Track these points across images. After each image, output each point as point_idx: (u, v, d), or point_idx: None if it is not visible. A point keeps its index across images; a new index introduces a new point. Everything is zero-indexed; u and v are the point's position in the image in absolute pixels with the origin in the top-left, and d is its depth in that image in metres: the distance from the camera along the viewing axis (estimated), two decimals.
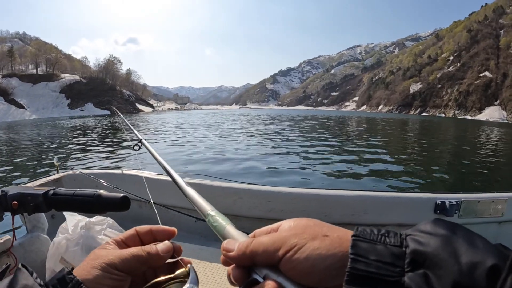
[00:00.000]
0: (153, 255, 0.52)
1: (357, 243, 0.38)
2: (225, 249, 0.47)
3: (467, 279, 0.32)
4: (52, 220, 2.41)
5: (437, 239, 0.36)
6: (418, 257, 0.35)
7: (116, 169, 3.27)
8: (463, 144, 20.85)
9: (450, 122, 73.10)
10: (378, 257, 0.36)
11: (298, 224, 0.45)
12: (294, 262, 0.40)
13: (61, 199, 1.06)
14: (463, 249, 0.34)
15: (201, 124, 32.81)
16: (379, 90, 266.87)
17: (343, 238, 0.40)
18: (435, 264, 0.34)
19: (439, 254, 0.34)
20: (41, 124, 45.01)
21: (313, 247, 0.40)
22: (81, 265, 0.50)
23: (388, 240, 0.38)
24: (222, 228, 0.53)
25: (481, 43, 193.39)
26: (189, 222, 2.51)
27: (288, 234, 0.43)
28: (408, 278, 0.34)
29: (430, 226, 0.38)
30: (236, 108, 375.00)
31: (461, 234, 0.36)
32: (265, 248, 0.43)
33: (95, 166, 10.20)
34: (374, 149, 14.62)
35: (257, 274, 0.43)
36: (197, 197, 0.67)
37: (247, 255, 0.44)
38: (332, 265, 0.38)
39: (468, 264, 0.32)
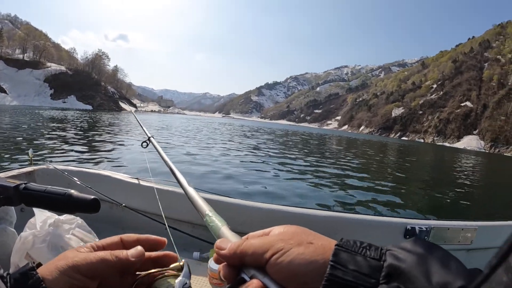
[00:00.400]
0: (122, 260, 0.51)
1: (338, 252, 0.40)
2: (218, 247, 0.49)
3: None
4: (20, 214, 2.24)
5: (413, 257, 0.38)
6: (394, 271, 0.37)
7: (90, 168, 3.24)
8: (439, 171, 21.27)
9: (428, 148, 74.69)
10: (357, 267, 0.38)
11: (288, 231, 0.47)
12: (279, 265, 0.42)
13: (31, 194, 1.03)
14: (436, 268, 0.36)
15: (182, 131, 32.21)
16: (361, 112, 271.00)
17: (326, 246, 0.43)
18: (408, 279, 0.36)
19: (412, 271, 0.36)
20: (21, 112, 43.73)
21: (298, 252, 0.42)
22: (48, 263, 0.50)
23: (369, 253, 0.40)
24: (217, 229, 0.55)
25: (465, 74, 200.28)
26: (159, 229, 2.31)
27: (276, 239, 0.46)
28: None
29: (410, 244, 0.41)
30: (219, 117, 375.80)
31: (437, 254, 0.39)
32: (254, 250, 0.45)
33: (71, 162, 9.96)
34: (350, 170, 14.47)
35: (245, 273, 0.46)
36: (197, 197, 0.68)
37: (237, 255, 0.46)
38: (313, 270, 0.41)
39: (438, 284, 0.34)
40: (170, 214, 2.61)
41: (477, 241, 2.51)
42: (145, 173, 2.90)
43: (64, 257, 0.50)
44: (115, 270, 0.51)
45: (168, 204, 2.61)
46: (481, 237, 2.52)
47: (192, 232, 2.43)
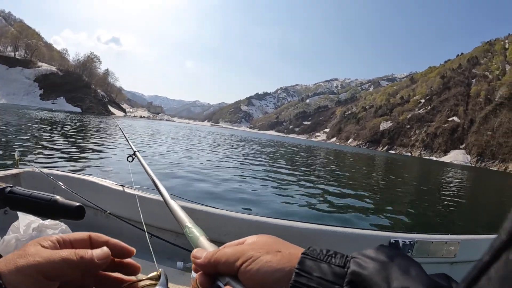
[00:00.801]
0: (86, 261, 0.49)
1: (304, 260, 0.42)
2: (194, 257, 0.51)
3: None
4: (4, 216, 2.40)
5: (375, 264, 0.39)
6: (356, 278, 0.38)
7: (76, 173, 3.35)
8: (425, 184, 21.38)
9: (415, 162, 75.50)
10: (321, 274, 0.40)
11: (260, 240, 0.49)
12: (249, 272, 0.44)
13: (16, 198, 0.99)
14: (396, 275, 0.37)
15: (170, 137, 31.86)
16: (350, 124, 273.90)
17: (293, 255, 0.44)
18: (368, 286, 0.37)
19: (374, 277, 0.38)
20: (8, 110, 43.18)
21: (266, 260, 0.44)
22: (7, 257, 0.47)
23: (334, 260, 0.42)
24: (196, 239, 0.58)
25: (453, 89, 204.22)
26: (143, 237, 2.36)
27: (248, 248, 0.47)
28: None
29: (373, 252, 0.42)
30: (208, 125, 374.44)
31: (398, 261, 0.40)
32: (227, 258, 0.47)
33: (57, 165, 9.72)
34: (336, 182, 14.37)
35: (220, 281, 0.48)
36: (178, 209, 0.71)
37: (211, 263, 0.48)
38: (280, 277, 0.42)
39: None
40: (153, 223, 2.68)
41: (460, 255, 2.53)
42: (130, 183, 3.08)
43: (25, 253, 0.47)
44: (78, 271, 0.49)
45: (151, 213, 2.65)
46: (464, 251, 2.54)
47: (175, 241, 2.40)
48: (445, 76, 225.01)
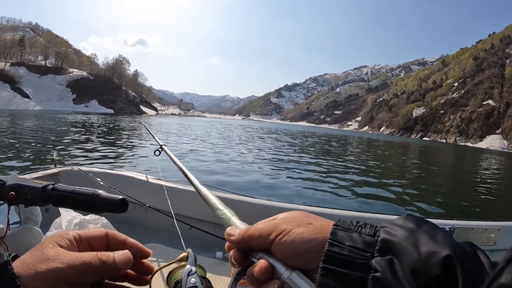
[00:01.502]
0: (108, 266, 0.49)
1: (335, 231, 0.44)
2: (228, 234, 0.53)
3: (424, 266, 0.38)
4: (46, 214, 2.38)
5: (403, 231, 0.42)
6: (386, 245, 0.41)
7: (114, 170, 3.38)
8: (461, 171, 20.80)
9: (450, 149, 73.13)
10: (352, 243, 0.42)
11: (291, 215, 0.51)
12: (282, 245, 0.46)
13: (59, 195, 1.05)
14: (424, 240, 0.40)
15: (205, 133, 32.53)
16: (382, 112, 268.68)
17: (324, 226, 0.47)
18: (398, 252, 0.40)
19: (403, 243, 0.40)
20: (44, 116, 44.89)
21: (298, 232, 0.46)
22: (26, 259, 0.46)
23: (364, 230, 0.44)
24: (228, 219, 0.60)
25: (486, 71, 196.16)
26: (182, 229, 2.39)
27: (280, 222, 0.49)
28: (375, 262, 0.39)
29: (401, 220, 0.44)
30: (239, 119, 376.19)
31: (425, 228, 0.42)
32: (260, 233, 0.49)
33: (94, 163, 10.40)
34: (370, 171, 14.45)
35: (254, 256, 0.50)
36: (208, 194, 0.73)
37: (245, 239, 0.50)
38: (312, 248, 0.44)
39: (426, 253, 0.38)
40: (192, 215, 2.75)
41: (500, 242, 2.44)
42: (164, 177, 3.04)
43: (44, 257, 0.46)
44: (98, 276, 0.49)
45: (190, 205, 2.72)
46: (505, 238, 2.45)
47: (214, 232, 2.40)
48: (478, 58, 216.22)
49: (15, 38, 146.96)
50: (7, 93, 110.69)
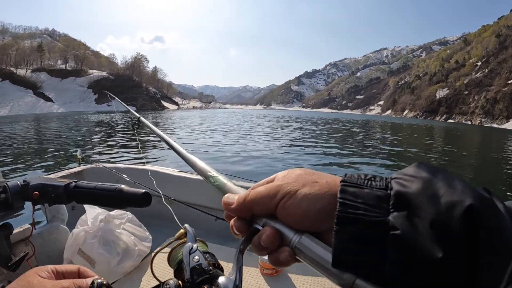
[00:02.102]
0: None
1: (345, 188, 0.40)
2: (225, 203, 0.49)
3: (445, 218, 0.34)
4: (72, 212, 2.44)
5: (418, 182, 0.38)
6: (401, 199, 0.37)
7: (137, 165, 3.40)
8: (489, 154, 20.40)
9: (475, 130, 71.49)
10: (365, 200, 0.38)
11: (291, 174, 0.47)
12: (288, 208, 0.43)
13: (82, 191, 1.07)
14: (443, 190, 0.36)
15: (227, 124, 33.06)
16: (404, 95, 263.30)
17: (331, 183, 0.43)
18: (416, 205, 0.36)
19: (420, 195, 0.36)
20: (68, 118, 46.41)
21: (305, 193, 0.43)
22: (12, 285, 0.50)
23: (374, 183, 0.40)
24: (222, 185, 0.56)
25: (510, 48, 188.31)
26: (208, 221, 2.51)
27: (282, 183, 0.45)
28: (392, 218, 0.36)
29: (413, 170, 0.40)
30: (260, 109, 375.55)
31: (441, 176, 0.38)
32: (262, 197, 0.45)
33: (117, 160, 10.54)
34: (396, 155, 14.54)
35: (257, 223, 0.46)
36: (198, 161, 0.68)
37: (246, 206, 0.46)
38: (322, 208, 0.41)
39: (446, 204, 0.35)
40: (219, 206, 2.75)
41: None
42: None
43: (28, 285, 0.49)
44: None
45: (215, 196, 2.56)
46: None
47: None
48: (501, 35, 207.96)
49: (33, 45, 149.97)
50: (30, 99, 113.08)
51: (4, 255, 1.10)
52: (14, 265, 1.12)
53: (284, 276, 1.94)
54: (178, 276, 0.60)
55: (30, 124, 32.51)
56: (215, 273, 0.52)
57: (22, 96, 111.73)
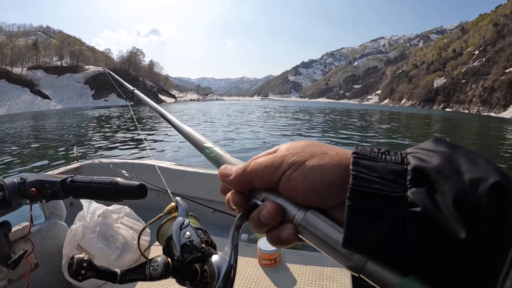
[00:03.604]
0: None
1: (357, 161, 0.37)
2: (222, 174, 0.46)
3: (470, 195, 0.31)
4: (70, 208, 2.47)
5: (438, 157, 0.35)
6: (420, 174, 0.34)
7: (135, 159, 3.43)
8: (487, 142, 20.55)
9: (473, 119, 71.60)
10: (380, 174, 0.35)
11: (296, 145, 0.43)
12: (294, 180, 0.39)
13: (78, 186, 1.07)
14: (465, 166, 0.33)
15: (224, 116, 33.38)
16: (402, 84, 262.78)
17: (342, 155, 0.40)
18: (437, 180, 0.33)
19: (441, 171, 0.34)
20: (66, 114, 46.72)
21: (312, 164, 0.39)
22: None
23: (389, 158, 0.37)
24: (219, 157, 0.51)
25: (508, 37, 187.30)
26: (206, 213, 2.49)
27: (287, 153, 0.41)
28: (411, 194, 0.33)
29: (431, 144, 0.38)
30: (258, 99, 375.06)
31: (462, 152, 0.36)
32: (264, 168, 0.42)
33: (115, 155, 10.59)
34: (393, 142, 14.79)
35: (256, 198, 0.43)
36: (193, 132, 0.65)
37: (246, 177, 0.43)
38: (332, 182, 0.38)
39: (470, 181, 0.32)
40: (215, 198, 2.79)
41: None
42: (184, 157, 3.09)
43: None
44: None
45: (212, 189, 2.77)
46: None
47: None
48: (498, 24, 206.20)
49: (28, 43, 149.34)
50: (27, 97, 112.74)
51: (3, 253, 1.09)
52: (14, 263, 1.11)
53: (282, 266, 1.92)
54: (168, 253, 0.56)
55: (27, 122, 32.72)
56: (207, 251, 0.49)
57: (19, 94, 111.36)
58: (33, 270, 1.85)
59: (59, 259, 2.00)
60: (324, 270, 1.85)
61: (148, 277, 0.48)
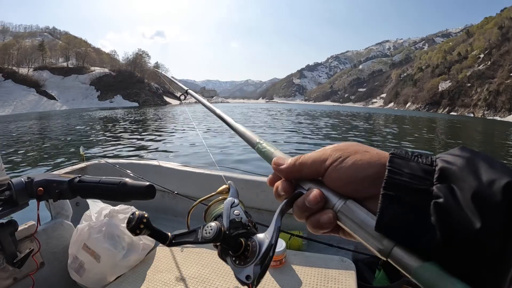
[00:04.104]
0: None
1: (393, 159, 0.43)
2: (276, 164, 0.52)
3: (485, 192, 0.37)
4: (76, 208, 2.49)
5: (461, 160, 0.41)
6: (445, 173, 0.40)
7: (140, 159, 3.51)
8: (493, 146, 20.44)
9: (478, 123, 71.18)
10: (411, 171, 0.42)
11: (343, 144, 0.50)
12: (338, 171, 0.46)
13: (86, 186, 1.08)
14: (484, 168, 0.39)
15: None
16: (407, 87, 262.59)
17: (381, 154, 0.46)
18: (458, 179, 0.39)
19: (463, 171, 0.39)
20: (71, 115, 46.48)
21: (356, 159, 0.46)
22: None
23: (421, 160, 0.43)
24: (270, 153, 0.57)
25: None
26: None
27: (334, 150, 0.48)
28: (436, 188, 0.39)
29: (457, 150, 0.44)
30: (263, 102, 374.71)
31: (482, 157, 0.41)
32: (313, 160, 0.48)
33: (121, 156, 10.72)
34: (398, 147, 14.43)
35: (302, 187, 0.49)
36: (246, 130, 0.70)
37: (296, 168, 0.49)
38: (370, 175, 0.44)
39: (487, 180, 0.37)
40: None
41: None
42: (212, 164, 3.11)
43: None
44: None
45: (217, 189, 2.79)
46: None
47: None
48: (503, 27, 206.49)
49: (34, 44, 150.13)
50: (33, 97, 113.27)
51: (10, 252, 1.09)
52: (20, 261, 1.12)
53: (288, 267, 1.96)
54: None
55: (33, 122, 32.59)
56: (252, 229, 0.53)
57: (25, 94, 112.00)
58: (39, 269, 1.85)
59: (65, 259, 2.00)
60: (329, 272, 1.88)
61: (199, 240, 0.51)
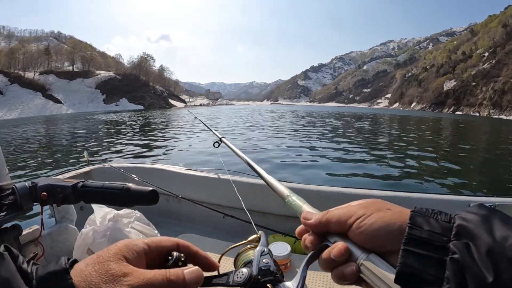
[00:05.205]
0: (177, 285, 0.45)
1: (414, 216, 0.47)
2: (304, 218, 0.56)
3: (498, 248, 0.40)
4: (80, 212, 2.50)
5: (478, 218, 0.44)
6: (462, 230, 0.43)
7: (145, 164, 3.45)
8: (498, 146, 20.06)
9: (483, 122, 70.89)
10: (430, 228, 0.45)
11: (367, 201, 0.54)
12: (362, 227, 0.49)
13: (90, 191, 1.08)
14: (498, 226, 0.42)
15: None
16: (412, 87, 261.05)
17: (403, 212, 0.50)
18: (474, 236, 0.42)
19: (479, 228, 0.42)
20: (77, 118, 47.11)
21: (379, 216, 0.49)
22: (87, 272, 0.43)
23: (440, 217, 0.47)
24: (299, 207, 0.62)
25: None
26: (216, 218, 2.53)
27: (358, 207, 0.52)
28: (453, 245, 0.42)
29: (475, 209, 0.47)
30: (268, 104, 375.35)
31: (497, 215, 0.44)
32: (339, 217, 0.52)
33: (126, 160, 10.76)
34: (405, 148, 14.55)
35: (328, 240, 0.53)
36: (277, 183, 0.74)
37: (323, 223, 0.53)
38: (392, 231, 0.47)
39: (500, 237, 0.40)
40: (227, 203, 2.78)
41: None
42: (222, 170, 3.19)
43: (109, 275, 0.42)
44: None
45: (222, 194, 2.75)
46: None
47: (248, 219, 2.25)
48: (508, 25, 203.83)
49: (40, 48, 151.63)
50: (39, 101, 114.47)
51: None
52: None
53: (293, 271, 1.97)
54: None
55: (39, 126, 32.98)
56: (279, 277, 0.54)
57: (31, 98, 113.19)
58: None
59: None
60: None
61: (230, 283, 0.52)
